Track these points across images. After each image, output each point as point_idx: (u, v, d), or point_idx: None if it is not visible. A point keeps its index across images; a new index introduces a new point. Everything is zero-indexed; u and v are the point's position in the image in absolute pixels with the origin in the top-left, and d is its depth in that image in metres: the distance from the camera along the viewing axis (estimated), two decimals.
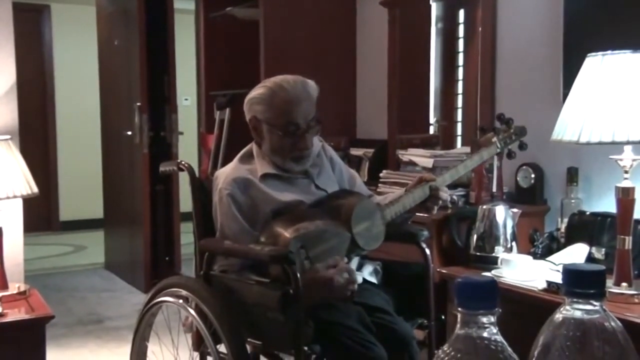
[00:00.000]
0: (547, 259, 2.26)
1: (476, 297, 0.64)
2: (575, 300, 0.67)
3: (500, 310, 0.64)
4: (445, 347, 0.64)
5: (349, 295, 1.80)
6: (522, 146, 2.30)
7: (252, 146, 2.07)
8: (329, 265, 1.78)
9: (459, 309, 0.64)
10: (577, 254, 2.23)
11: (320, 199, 1.99)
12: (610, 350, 0.64)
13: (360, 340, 1.73)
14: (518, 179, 2.77)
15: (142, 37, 4.49)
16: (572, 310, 0.67)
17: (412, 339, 1.89)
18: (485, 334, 0.64)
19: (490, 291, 0.64)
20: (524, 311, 1.88)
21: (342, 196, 1.99)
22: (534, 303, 2.00)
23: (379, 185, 3.05)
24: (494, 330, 0.64)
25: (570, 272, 0.67)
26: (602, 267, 0.68)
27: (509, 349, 0.64)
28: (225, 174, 2.00)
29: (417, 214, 2.15)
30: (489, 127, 2.39)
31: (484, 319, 0.64)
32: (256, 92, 2.02)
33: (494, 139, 2.24)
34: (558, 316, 0.68)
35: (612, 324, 0.66)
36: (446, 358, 0.63)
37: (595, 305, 0.66)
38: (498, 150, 2.25)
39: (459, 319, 0.65)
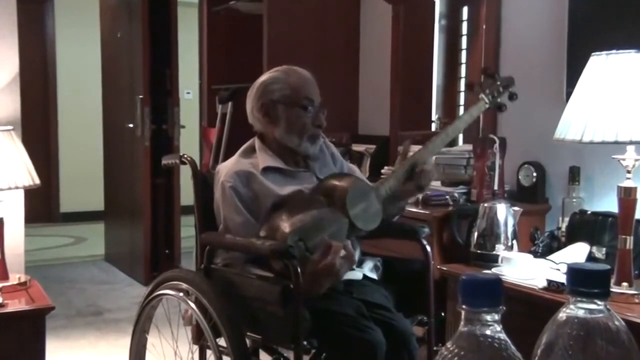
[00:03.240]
0: (548, 257, 2.26)
1: (480, 294, 0.64)
2: (579, 299, 0.67)
3: (504, 308, 0.64)
4: (448, 345, 0.64)
5: (352, 266, 1.82)
6: (512, 97, 2.20)
7: (254, 140, 2.07)
8: (323, 252, 1.76)
9: (463, 306, 0.64)
10: (577, 253, 2.23)
11: (313, 187, 1.99)
12: (614, 350, 0.64)
13: (355, 324, 1.73)
14: (519, 177, 2.77)
15: (145, 30, 4.48)
16: (576, 309, 0.67)
17: (411, 336, 1.89)
18: (488, 332, 0.63)
19: (494, 289, 0.64)
20: (524, 310, 1.88)
21: (334, 179, 1.98)
22: (534, 302, 2.00)
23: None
24: (498, 328, 0.64)
25: (574, 271, 0.67)
26: (607, 266, 0.68)
27: (513, 347, 0.63)
28: (226, 167, 2.00)
29: (414, 210, 2.13)
30: (477, 84, 2.25)
31: (488, 317, 0.63)
32: (267, 75, 2.05)
33: (481, 95, 2.17)
34: (562, 315, 0.67)
35: (617, 323, 0.65)
36: (450, 355, 0.63)
37: (599, 305, 0.66)
38: (487, 105, 2.17)
39: (462, 317, 0.64)
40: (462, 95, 3.59)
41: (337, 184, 1.94)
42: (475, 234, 2.39)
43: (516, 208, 2.44)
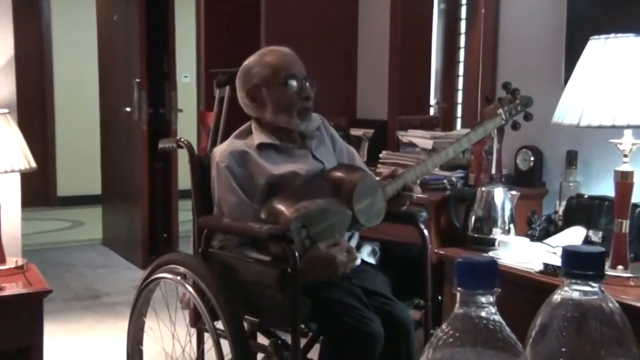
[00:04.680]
0: (544, 241, 2.27)
1: (475, 276, 0.64)
2: (573, 281, 0.67)
3: (499, 290, 0.64)
4: (444, 326, 0.64)
5: (348, 271, 1.82)
6: (528, 117, 2.24)
7: (250, 123, 2.07)
8: (330, 244, 1.79)
9: (458, 288, 0.64)
10: (574, 236, 2.23)
11: (322, 174, 1.99)
12: (607, 331, 0.64)
13: (356, 316, 1.74)
14: (517, 161, 2.77)
15: (142, 13, 4.46)
16: (571, 291, 0.67)
17: (411, 325, 1.90)
18: (483, 314, 0.64)
19: (489, 271, 0.64)
20: (521, 293, 1.89)
21: (344, 171, 1.99)
22: (531, 285, 2.01)
23: (378, 165, 3.05)
24: (493, 310, 0.64)
25: (569, 254, 0.67)
26: (602, 248, 0.68)
27: (507, 328, 0.64)
28: (221, 149, 2.00)
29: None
30: (493, 97, 2.32)
31: (483, 299, 0.64)
32: (247, 61, 2.06)
33: (499, 111, 2.19)
34: (556, 297, 0.68)
35: (610, 305, 0.66)
36: (445, 337, 0.63)
37: (593, 287, 0.66)
38: (503, 122, 2.19)
39: (458, 299, 0.65)
40: (460, 80, 3.58)
41: (346, 176, 1.94)
42: (473, 218, 2.39)
43: (513, 192, 2.44)
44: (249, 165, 1.95)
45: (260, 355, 1.93)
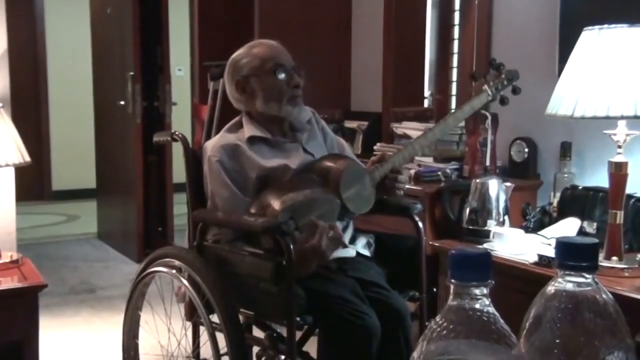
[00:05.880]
0: (539, 232, 2.27)
1: (469, 268, 0.64)
2: (567, 272, 0.67)
3: (493, 282, 0.64)
4: (437, 319, 0.64)
5: (339, 247, 1.82)
6: (516, 90, 2.23)
7: (241, 117, 2.07)
8: (309, 232, 1.77)
9: (452, 280, 0.64)
10: (568, 228, 2.24)
11: (307, 165, 1.99)
12: (601, 322, 0.65)
13: (352, 311, 1.74)
14: (511, 153, 2.77)
15: (136, 6, 4.44)
16: (564, 282, 0.67)
17: (407, 314, 1.90)
18: (477, 306, 0.64)
19: (483, 263, 0.64)
20: (515, 284, 1.89)
21: (330, 160, 1.98)
22: (525, 276, 2.02)
23: (373, 157, 3.04)
24: (487, 302, 0.64)
25: (563, 245, 0.67)
26: (595, 240, 0.68)
27: (501, 320, 0.64)
28: (212, 143, 2.00)
29: (406, 186, 2.11)
30: (480, 74, 2.32)
31: (477, 291, 0.64)
32: (234, 55, 2.07)
33: (485, 87, 2.18)
34: (550, 288, 0.68)
35: (604, 296, 0.66)
36: (439, 329, 0.63)
37: (587, 278, 0.66)
38: (490, 98, 2.19)
39: (451, 291, 0.65)
40: (454, 71, 3.57)
41: (332, 165, 1.93)
42: (467, 210, 2.39)
43: (508, 184, 2.44)
44: (241, 158, 1.95)
45: (255, 348, 1.93)
